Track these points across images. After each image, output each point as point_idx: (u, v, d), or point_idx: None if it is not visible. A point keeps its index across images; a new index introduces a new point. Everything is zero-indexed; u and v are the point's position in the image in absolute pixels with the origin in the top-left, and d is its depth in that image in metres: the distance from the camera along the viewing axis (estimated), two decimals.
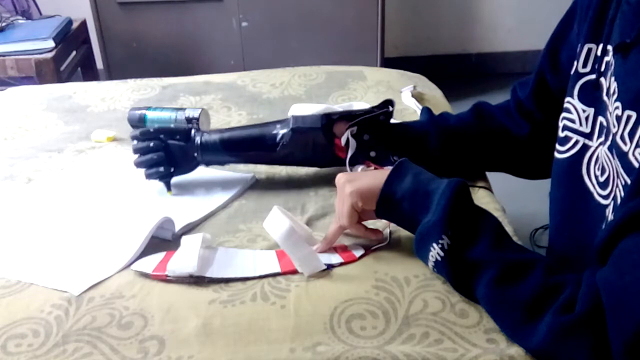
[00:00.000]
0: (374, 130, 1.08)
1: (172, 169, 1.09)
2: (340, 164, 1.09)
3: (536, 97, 1.02)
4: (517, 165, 1.12)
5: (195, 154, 1.09)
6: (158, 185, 1.11)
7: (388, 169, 0.89)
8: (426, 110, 1.15)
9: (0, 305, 0.85)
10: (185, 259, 0.88)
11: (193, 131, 1.10)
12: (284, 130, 1.07)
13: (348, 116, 1.07)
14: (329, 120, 1.07)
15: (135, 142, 1.10)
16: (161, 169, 1.08)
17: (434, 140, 1.07)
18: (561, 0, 3.38)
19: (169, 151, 1.08)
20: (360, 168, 1.07)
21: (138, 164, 1.10)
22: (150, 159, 1.08)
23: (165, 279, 0.88)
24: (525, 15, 3.16)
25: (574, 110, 0.87)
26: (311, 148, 1.08)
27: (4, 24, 2.34)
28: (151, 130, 1.09)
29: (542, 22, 3.11)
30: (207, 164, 1.12)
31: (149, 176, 1.10)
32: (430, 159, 1.06)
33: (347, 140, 1.07)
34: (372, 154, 1.08)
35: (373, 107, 1.09)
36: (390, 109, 1.08)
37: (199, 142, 1.08)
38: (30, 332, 0.80)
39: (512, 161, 1.11)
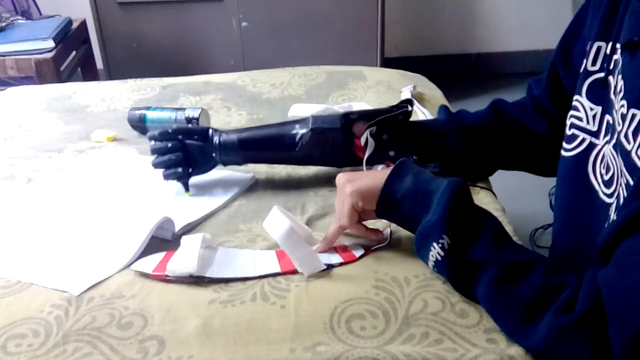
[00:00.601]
0: (393, 130, 1.08)
1: (190, 170, 1.09)
2: (360, 164, 1.09)
3: (551, 94, 1.02)
4: (535, 163, 1.11)
5: (214, 154, 1.09)
6: (176, 185, 1.11)
7: (388, 170, 0.89)
8: (444, 109, 1.16)
9: (0, 305, 0.85)
10: (185, 259, 0.88)
11: (211, 131, 1.10)
12: (303, 131, 1.07)
13: (367, 116, 1.07)
14: (348, 120, 1.07)
15: (152, 142, 1.09)
16: (179, 169, 1.07)
17: (452, 138, 1.07)
18: (561, 1, 3.37)
19: (186, 151, 1.08)
20: (380, 167, 1.07)
21: (156, 165, 1.09)
22: (168, 159, 1.07)
23: (165, 279, 0.88)
24: (525, 15, 3.17)
25: (582, 108, 0.87)
26: (330, 148, 1.08)
27: (4, 24, 2.34)
28: (170, 130, 1.09)
29: (542, 22, 3.13)
30: (225, 163, 1.12)
31: (167, 177, 1.09)
32: (449, 157, 1.06)
33: (366, 140, 1.07)
34: (391, 153, 1.08)
35: (392, 107, 1.09)
36: (410, 108, 1.09)
37: (217, 142, 1.08)
38: (30, 332, 0.80)
39: (530, 158, 1.10)
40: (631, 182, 0.72)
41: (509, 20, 3.20)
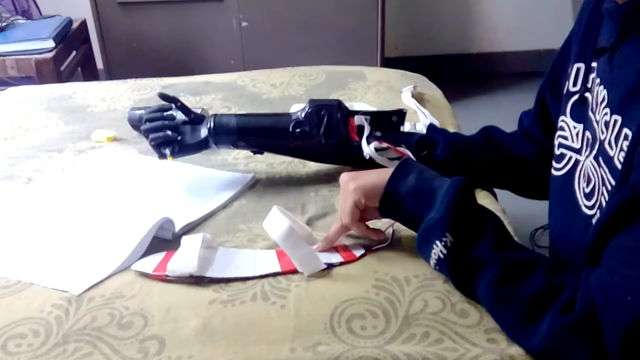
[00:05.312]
0: (386, 130, 1.09)
1: (178, 137, 1.07)
2: (353, 154, 1.09)
3: (540, 122, 1.05)
4: (522, 185, 1.12)
5: (205, 134, 1.07)
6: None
7: (391, 168, 0.89)
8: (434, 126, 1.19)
9: (0, 305, 0.85)
10: (185, 259, 0.88)
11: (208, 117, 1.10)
12: (302, 113, 1.09)
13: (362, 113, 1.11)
14: (345, 107, 1.10)
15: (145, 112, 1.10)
16: (168, 132, 1.06)
17: (441, 146, 1.09)
18: (561, 1, 3.36)
19: (177, 128, 1.08)
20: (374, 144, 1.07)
21: (145, 130, 1.07)
22: (161, 124, 1.07)
23: (165, 279, 0.88)
24: (525, 16, 3.16)
25: (567, 127, 0.89)
26: (326, 124, 1.07)
27: (4, 24, 2.33)
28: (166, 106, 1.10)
29: (542, 22, 3.12)
30: (217, 143, 1.09)
31: (155, 139, 1.06)
32: (435, 166, 1.07)
33: (362, 129, 1.09)
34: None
35: (387, 111, 1.12)
36: (404, 110, 1.11)
37: (212, 123, 1.07)
38: (30, 332, 0.80)
39: (517, 180, 1.11)
40: (614, 186, 0.72)
41: (509, 20, 3.20)
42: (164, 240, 0.97)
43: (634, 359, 0.65)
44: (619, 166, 0.71)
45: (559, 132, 0.92)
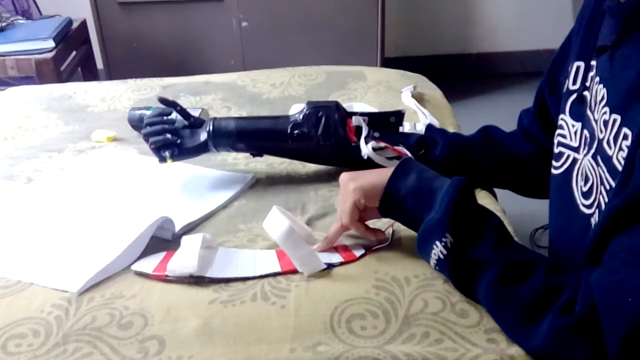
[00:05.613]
0: (385, 131, 1.09)
1: (178, 140, 1.09)
2: (351, 155, 1.09)
3: (539, 121, 1.05)
4: (521, 184, 1.12)
5: (205, 138, 1.08)
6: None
7: (391, 168, 0.89)
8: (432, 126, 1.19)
9: (0, 305, 0.85)
10: (185, 259, 0.88)
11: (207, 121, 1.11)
12: (299, 115, 1.09)
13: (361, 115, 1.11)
14: (342, 108, 1.10)
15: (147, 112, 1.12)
16: (168, 136, 1.08)
17: (439, 146, 1.09)
18: (561, 1, 3.36)
19: (177, 132, 1.10)
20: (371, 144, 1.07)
21: (146, 134, 1.09)
22: (161, 128, 1.08)
23: (165, 279, 0.88)
24: (525, 16, 3.16)
25: (566, 126, 0.89)
26: (323, 125, 1.08)
27: (4, 24, 2.33)
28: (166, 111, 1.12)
29: (542, 22, 3.13)
30: (217, 146, 1.10)
31: (155, 143, 1.08)
32: (434, 166, 1.07)
33: (360, 130, 1.09)
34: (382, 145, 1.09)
35: (386, 112, 1.12)
36: (402, 111, 1.11)
37: (211, 126, 1.09)
38: (30, 332, 0.80)
39: (516, 179, 1.11)
40: (614, 187, 0.72)
41: (509, 20, 3.20)
42: (164, 240, 0.97)
43: (634, 359, 0.65)
44: (618, 165, 0.71)
45: (558, 131, 0.92)
